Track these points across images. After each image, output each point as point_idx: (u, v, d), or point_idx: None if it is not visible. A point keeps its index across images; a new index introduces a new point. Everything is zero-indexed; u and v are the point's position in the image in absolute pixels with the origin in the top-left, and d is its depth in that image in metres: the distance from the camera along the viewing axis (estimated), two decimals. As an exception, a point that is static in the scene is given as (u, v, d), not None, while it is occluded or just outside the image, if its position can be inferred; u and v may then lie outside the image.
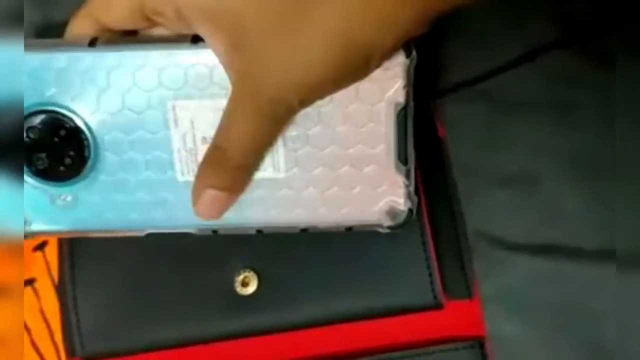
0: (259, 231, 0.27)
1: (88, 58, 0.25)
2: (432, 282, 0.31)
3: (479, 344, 0.31)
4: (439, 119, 0.33)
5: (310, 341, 0.32)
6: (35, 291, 0.34)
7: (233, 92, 0.24)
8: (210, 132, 0.25)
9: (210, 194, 0.25)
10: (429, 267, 0.31)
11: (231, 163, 0.24)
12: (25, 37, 0.26)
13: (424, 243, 0.31)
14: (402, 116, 0.25)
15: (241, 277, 0.32)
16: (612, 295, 0.30)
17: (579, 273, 0.31)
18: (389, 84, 0.25)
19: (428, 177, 0.32)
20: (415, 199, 0.26)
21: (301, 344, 0.32)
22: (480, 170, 0.33)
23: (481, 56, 0.33)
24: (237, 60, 0.23)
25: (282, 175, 0.26)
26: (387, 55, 0.24)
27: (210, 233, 0.27)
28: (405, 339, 0.31)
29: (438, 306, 0.31)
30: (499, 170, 0.32)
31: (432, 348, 0.31)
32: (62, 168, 0.26)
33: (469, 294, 0.32)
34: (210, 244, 0.32)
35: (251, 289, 0.32)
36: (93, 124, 0.26)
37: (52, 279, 0.34)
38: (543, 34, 0.32)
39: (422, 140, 0.32)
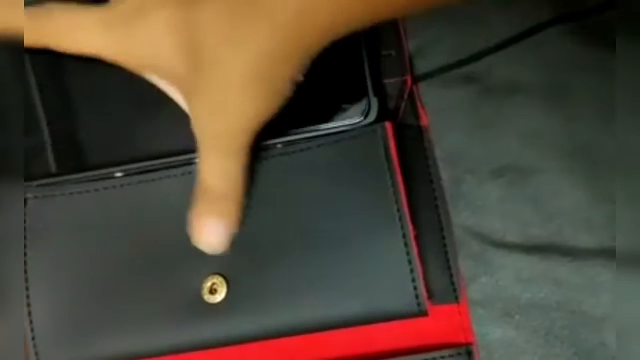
0: None
1: None
2: (415, 287, 0.28)
3: (466, 350, 0.29)
4: (421, 105, 0.30)
5: (284, 351, 0.30)
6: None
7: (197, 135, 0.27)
8: None
9: (207, 224, 0.28)
10: (411, 270, 0.28)
11: (217, 197, 0.27)
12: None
13: (405, 244, 0.28)
14: None
15: (209, 283, 0.30)
16: (610, 298, 0.28)
17: (574, 273, 0.29)
18: None
19: (409, 171, 0.29)
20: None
21: (275, 353, 0.30)
22: (467, 161, 0.30)
23: (468, 37, 0.30)
24: (189, 108, 0.27)
25: None
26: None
27: None
28: (386, 348, 0.29)
29: (422, 313, 0.28)
30: (488, 161, 0.30)
31: (416, 357, 0.29)
32: None
33: (455, 298, 0.29)
34: (175, 248, 0.30)
35: (219, 296, 0.29)
36: None
37: (5, 288, 0.31)
38: (536, 12, 0.29)
39: (402, 129, 0.30)
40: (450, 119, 0.30)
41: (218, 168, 0.27)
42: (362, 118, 0.29)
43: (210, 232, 0.28)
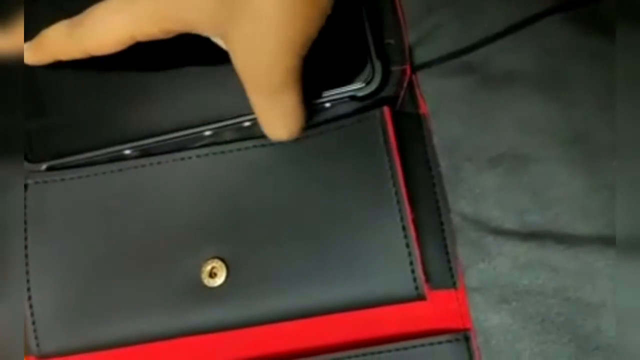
0: None
1: None
2: (413, 272, 0.28)
3: (464, 336, 0.29)
4: (420, 94, 0.31)
5: (283, 335, 0.30)
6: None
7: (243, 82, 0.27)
8: None
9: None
10: (410, 255, 0.28)
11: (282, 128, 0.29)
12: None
13: (404, 229, 0.28)
14: None
15: (208, 267, 0.30)
16: (607, 285, 0.28)
17: (571, 261, 0.29)
18: None
19: (408, 158, 0.30)
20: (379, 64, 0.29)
21: (274, 338, 0.30)
22: (466, 149, 0.30)
23: (467, 26, 0.30)
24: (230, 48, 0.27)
25: None
26: None
27: None
28: (385, 332, 0.29)
29: (420, 297, 0.29)
30: (486, 149, 0.30)
31: (414, 342, 0.29)
32: None
33: (453, 283, 0.29)
34: (174, 232, 0.30)
35: (219, 280, 0.30)
36: None
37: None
38: (535, 1, 0.30)
39: (401, 117, 0.30)
40: (449, 107, 0.30)
41: (273, 110, 0.28)
42: (363, 84, 0.29)
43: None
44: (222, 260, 0.30)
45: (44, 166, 0.32)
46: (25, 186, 0.32)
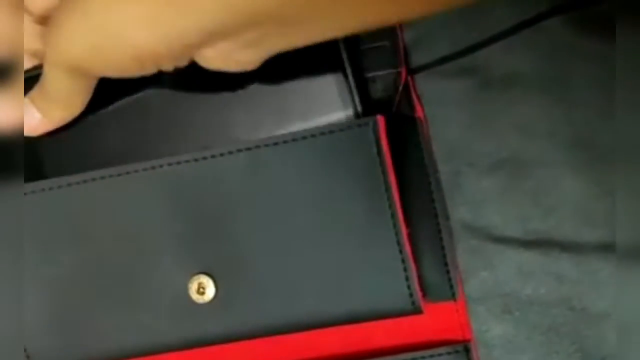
0: None
1: None
2: (409, 286, 0.28)
3: (464, 347, 0.28)
4: (417, 97, 0.30)
5: (278, 349, 0.29)
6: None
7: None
8: None
9: (29, 113, 0.29)
10: (405, 270, 0.28)
11: (49, 100, 0.28)
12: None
13: (398, 244, 0.27)
14: None
15: (195, 284, 0.29)
16: (612, 294, 0.27)
17: (575, 269, 0.28)
18: None
19: (404, 163, 0.28)
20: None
21: (268, 351, 0.29)
22: (465, 154, 0.29)
23: (466, 28, 0.29)
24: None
25: None
26: (162, 60, 0.25)
27: None
28: (381, 345, 0.29)
29: (417, 311, 0.28)
30: (486, 154, 0.29)
31: (413, 354, 0.28)
32: None
33: (452, 295, 0.28)
34: (158, 248, 0.29)
35: (208, 296, 0.29)
36: None
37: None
38: (535, 2, 0.28)
39: (396, 120, 0.29)
40: (449, 111, 0.30)
41: (59, 81, 0.27)
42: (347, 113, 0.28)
43: (28, 120, 0.29)
44: (209, 275, 0.29)
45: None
46: None
